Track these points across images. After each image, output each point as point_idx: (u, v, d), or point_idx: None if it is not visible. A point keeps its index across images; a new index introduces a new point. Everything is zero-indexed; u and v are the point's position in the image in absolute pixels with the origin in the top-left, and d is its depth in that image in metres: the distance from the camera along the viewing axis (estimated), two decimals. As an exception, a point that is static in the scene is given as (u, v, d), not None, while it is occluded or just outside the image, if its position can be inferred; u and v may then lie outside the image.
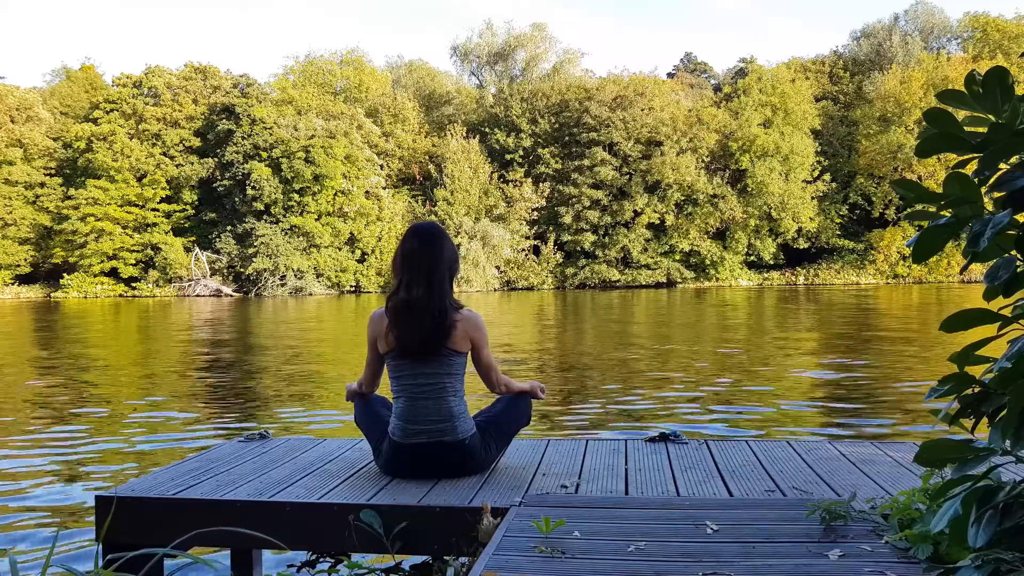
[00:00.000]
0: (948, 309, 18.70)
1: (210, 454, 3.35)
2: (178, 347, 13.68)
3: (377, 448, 3.03)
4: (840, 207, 46.71)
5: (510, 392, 3.14)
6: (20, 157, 44.36)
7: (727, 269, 45.67)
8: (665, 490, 2.71)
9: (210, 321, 20.93)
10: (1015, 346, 1.49)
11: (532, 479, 2.87)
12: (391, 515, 2.52)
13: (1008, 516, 1.51)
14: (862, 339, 12.92)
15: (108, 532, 2.59)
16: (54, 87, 51.97)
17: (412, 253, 2.92)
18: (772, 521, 2.25)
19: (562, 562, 1.93)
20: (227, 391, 8.12)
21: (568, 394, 7.50)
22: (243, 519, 2.57)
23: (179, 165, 44.53)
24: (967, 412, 1.58)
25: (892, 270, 45.24)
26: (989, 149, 1.43)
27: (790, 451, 3.27)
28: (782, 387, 7.84)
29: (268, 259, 40.59)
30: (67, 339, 15.87)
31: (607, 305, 26.14)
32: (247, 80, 47.47)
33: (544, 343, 13.40)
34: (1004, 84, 1.42)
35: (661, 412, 6.45)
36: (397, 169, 47.06)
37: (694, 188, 44.63)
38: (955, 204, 1.47)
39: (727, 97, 48.53)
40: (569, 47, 54.41)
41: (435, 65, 64.96)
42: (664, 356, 10.92)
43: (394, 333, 2.92)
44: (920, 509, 2.05)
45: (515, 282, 44.22)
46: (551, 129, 46.91)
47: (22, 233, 43.82)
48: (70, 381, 9.10)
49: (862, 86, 48.99)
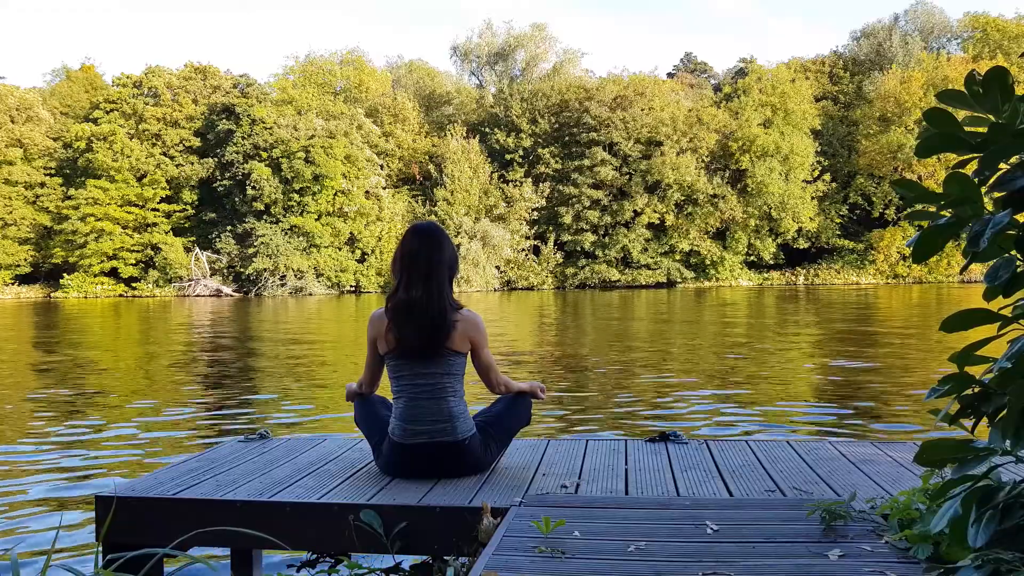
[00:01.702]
0: (948, 309, 18.69)
1: (210, 454, 3.35)
2: (178, 347, 13.68)
3: (377, 448, 3.03)
4: (840, 207, 46.72)
5: (510, 392, 3.14)
6: (20, 157, 44.37)
7: (727, 269, 45.67)
8: (665, 490, 2.71)
9: (210, 321, 20.93)
10: (1015, 346, 1.49)
11: (532, 479, 2.87)
12: (391, 515, 2.52)
13: (1008, 516, 1.51)
14: (862, 339, 12.92)
15: (108, 532, 2.59)
16: (54, 87, 51.97)
17: (412, 253, 2.92)
18: (772, 521, 2.25)
19: (562, 562, 1.93)
20: (227, 391, 8.12)
21: (568, 394, 7.49)
22: (243, 519, 2.56)
23: (179, 165, 44.54)
24: (967, 412, 1.59)
25: (892, 270, 45.26)
26: (989, 149, 1.43)
27: (790, 451, 3.27)
28: (782, 387, 7.84)
29: (268, 259, 40.59)
30: (67, 339, 15.87)
31: (607, 305, 26.14)
32: (247, 80, 47.49)
33: (544, 343, 13.40)
34: (1004, 84, 1.42)
35: (661, 412, 6.45)
36: (397, 169, 47.06)
37: (694, 188, 44.63)
38: (955, 204, 1.47)
39: (727, 97, 48.54)
40: (569, 47, 54.43)
41: (435, 65, 65.04)
42: (664, 356, 10.92)
43: (394, 333, 2.92)
44: (920, 509, 2.05)
45: (515, 282, 44.23)
46: (551, 129, 46.91)
47: (22, 233, 43.82)
48: (70, 381, 9.10)
49: (862, 86, 48.99)
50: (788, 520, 2.26)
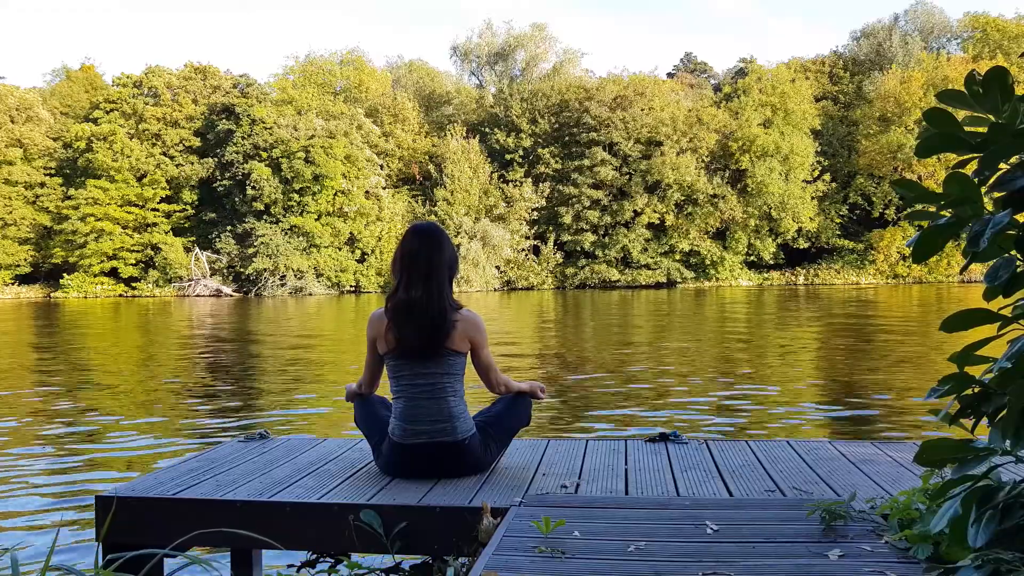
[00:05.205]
0: (948, 309, 18.69)
1: (210, 454, 3.35)
2: (178, 347, 13.68)
3: (377, 448, 3.03)
4: (840, 207, 46.71)
5: (510, 392, 3.14)
6: (20, 157, 44.35)
7: (727, 269, 45.66)
8: (665, 490, 2.71)
9: (210, 321, 20.93)
10: (1015, 346, 1.49)
11: (532, 479, 2.87)
12: (391, 515, 2.52)
13: (1008, 516, 1.52)
14: (862, 339, 12.92)
15: (108, 532, 2.59)
16: (54, 87, 51.94)
17: (412, 253, 2.92)
18: (772, 521, 2.25)
19: (562, 562, 1.93)
20: (227, 391, 8.12)
21: (568, 394, 7.49)
22: (243, 519, 2.57)
23: (179, 165, 44.52)
24: (967, 412, 1.59)
25: (892, 270, 45.25)
26: (989, 149, 1.43)
27: (790, 451, 3.27)
28: (782, 387, 7.84)
29: (268, 259, 40.58)
30: (67, 339, 15.86)
31: (607, 305, 26.14)
32: (247, 80, 47.47)
33: (544, 343, 13.40)
34: (1004, 84, 1.42)
35: (661, 412, 6.45)
36: (397, 169, 47.04)
37: (694, 188, 44.62)
38: (955, 204, 1.47)
39: (727, 97, 48.52)
40: (569, 47, 54.35)
41: (435, 65, 65.00)
42: (664, 356, 10.91)
43: (394, 333, 2.92)
44: (920, 509, 2.05)
45: (515, 282, 44.22)
46: (551, 129, 46.90)
47: (22, 233, 43.81)
48: (70, 381, 9.10)
49: (862, 86, 48.97)
50: (788, 520, 2.26)
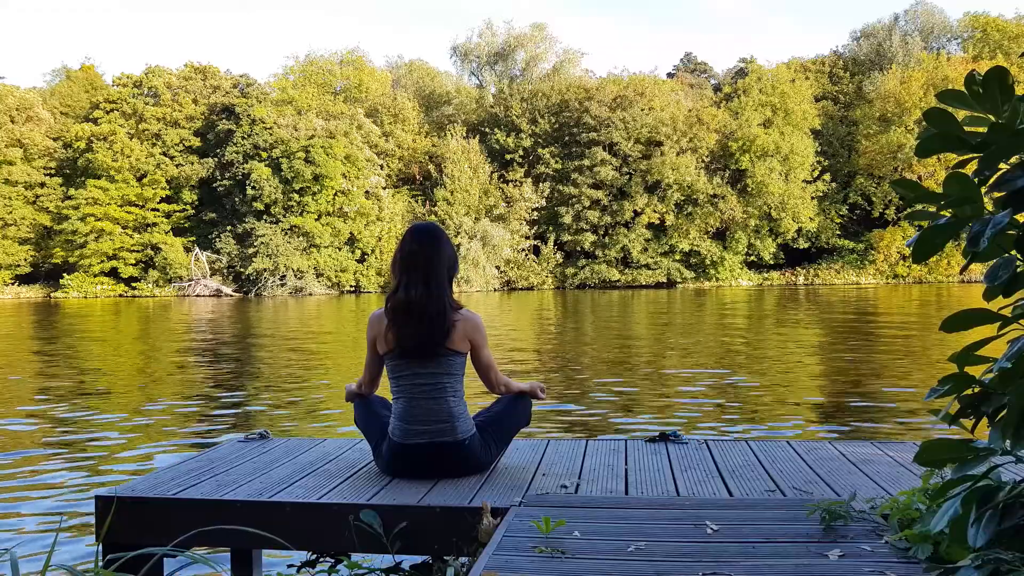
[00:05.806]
0: (948, 309, 18.70)
1: (210, 454, 3.35)
2: (178, 347, 13.68)
3: (377, 448, 3.03)
4: (840, 207, 46.70)
5: (510, 392, 3.14)
6: (20, 157, 44.32)
7: (727, 269, 45.65)
8: (665, 490, 2.71)
9: (210, 321, 20.93)
10: (1015, 346, 1.49)
11: (532, 479, 2.87)
12: (391, 515, 2.52)
13: (1008, 516, 1.51)
14: (862, 339, 12.92)
15: (108, 532, 2.59)
16: (54, 87, 51.91)
17: (411, 254, 2.92)
18: (772, 521, 2.25)
19: (562, 562, 1.93)
20: (227, 391, 8.12)
21: (568, 394, 7.49)
22: (243, 519, 2.56)
23: (179, 165, 44.51)
24: (967, 412, 1.59)
25: (892, 270, 45.23)
26: (989, 149, 1.43)
27: (790, 451, 3.27)
28: (782, 386, 7.84)
29: (268, 259, 40.58)
30: (67, 339, 15.86)
31: (607, 305, 26.13)
32: (247, 80, 47.46)
33: (544, 343, 13.40)
34: (1004, 84, 1.42)
35: (661, 412, 6.45)
36: (397, 169, 47.03)
37: (694, 188, 44.61)
38: (955, 204, 1.47)
39: (727, 97, 48.51)
40: (569, 47, 54.27)
41: (435, 65, 64.94)
42: (664, 356, 10.91)
43: (393, 333, 2.92)
44: (920, 509, 2.05)
45: (515, 282, 44.21)
46: (551, 129, 46.88)
47: (22, 233, 43.80)
48: (70, 381, 9.10)
49: (862, 86, 48.96)
50: (788, 520, 2.25)
